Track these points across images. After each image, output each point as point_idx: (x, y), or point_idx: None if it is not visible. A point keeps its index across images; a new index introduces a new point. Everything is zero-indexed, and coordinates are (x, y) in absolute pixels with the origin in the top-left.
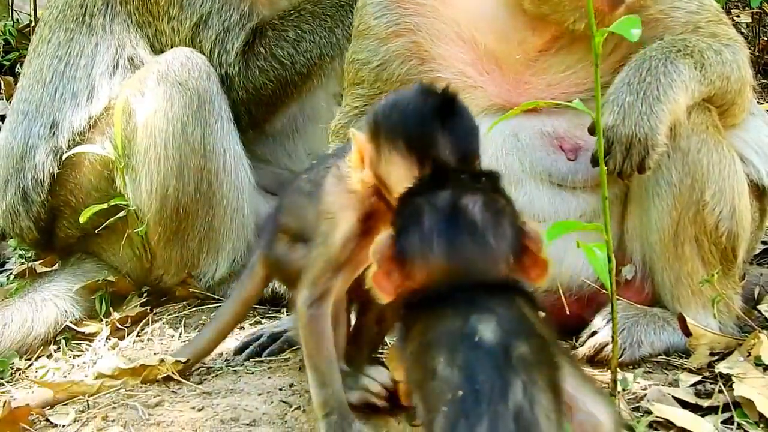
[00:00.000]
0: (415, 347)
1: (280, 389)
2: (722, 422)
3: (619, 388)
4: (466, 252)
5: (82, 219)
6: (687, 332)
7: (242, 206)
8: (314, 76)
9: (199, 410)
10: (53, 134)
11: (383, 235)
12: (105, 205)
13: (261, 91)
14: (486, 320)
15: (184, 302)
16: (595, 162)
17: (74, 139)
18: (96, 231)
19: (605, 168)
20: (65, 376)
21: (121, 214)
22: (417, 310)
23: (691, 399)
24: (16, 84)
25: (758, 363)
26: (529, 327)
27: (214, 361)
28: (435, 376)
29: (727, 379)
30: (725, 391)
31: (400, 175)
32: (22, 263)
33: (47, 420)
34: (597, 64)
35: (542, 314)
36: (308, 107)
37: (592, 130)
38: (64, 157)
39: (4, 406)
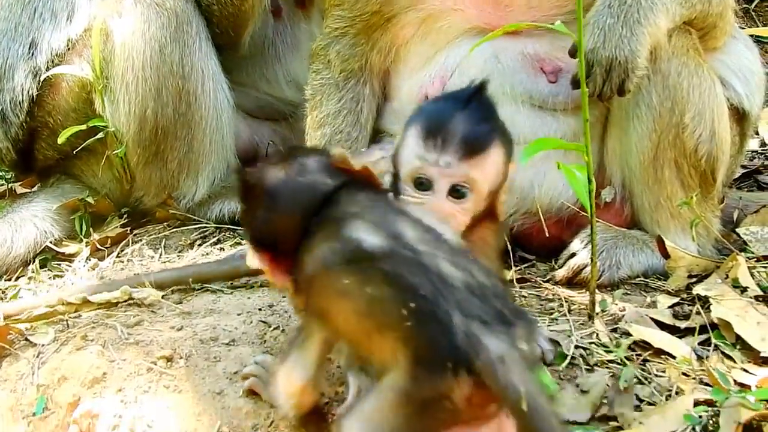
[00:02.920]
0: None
1: (260, 309)
2: (699, 344)
3: (598, 309)
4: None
5: (60, 140)
6: (665, 254)
7: (221, 127)
8: None
9: (179, 330)
10: (32, 55)
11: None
12: (83, 127)
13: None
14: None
15: (164, 223)
16: (575, 84)
17: (53, 60)
18: (75, 152)
19: (586, 90)
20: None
21: (100, 135)
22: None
23: (669, 321)
24: None
25: (736, 285)
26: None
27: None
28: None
29: (705, 301)
30: (703, 313)
31: None
32: (2, 184)
33: (26, 339)
34: None
35: None
36: (288, 35)
37: (573, 53)
38: (42, 78)
39: None
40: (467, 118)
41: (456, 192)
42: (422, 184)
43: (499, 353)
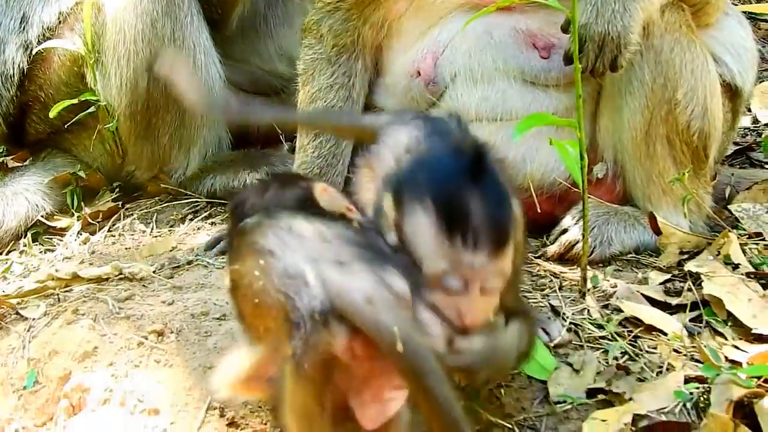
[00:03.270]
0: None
1: None
2: (691, 320)
3: (589, 285)
4: None
5: (51, 114)
6: (657, 231)
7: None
8: None
9: (170, 304)
10: (23, 29)
11: None
12: (75, 101)
13: None
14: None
15: (156, 198)
16: (567, 60)
17: (44, 34)
18: (66, 126)
19: (579, 66)
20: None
21: (91, 109)
22: None
23: (660, 297)
24: None
25: (727, 262)
26: None
27: (184, 256)
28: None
29: (696, 278)
30: (694, 290)
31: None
32: None
33: (17, 313)
34: None
35: None
36: (280, 9)
37: (565, 28)
38: (34, 52)
39: None
40: (486, 200)
41: (488, 288)
42: (450, 288)
43: (364, 293)
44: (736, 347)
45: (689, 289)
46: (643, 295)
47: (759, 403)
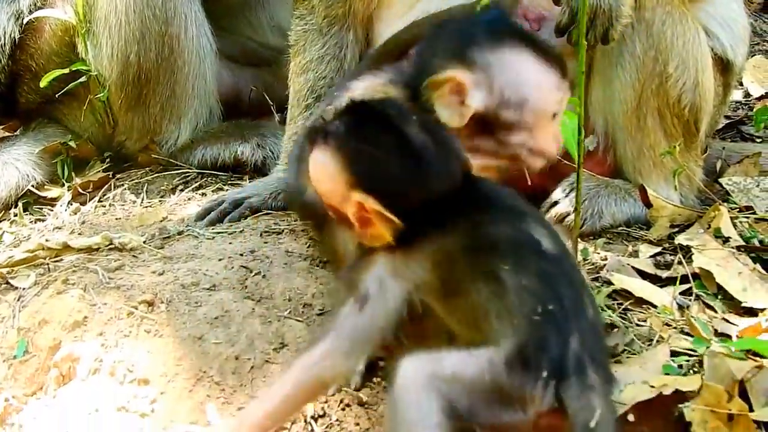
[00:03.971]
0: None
1: (241, 255)
2: (681, 293)
3: (580, 258)
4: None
5: (42, 84)
6: (648, 204)
7: (204, 72)
8: None
9: (160, 275)
10: None
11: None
12: (66, 71)
13: None
14: (538, 228)
15: (147, 168)
16: (559, 32)
17: (36, 4)
18: (57, 96)
19: (584, 43)
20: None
21: (82, 79)
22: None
23: (651, 270)
24: None
25: (718, 235)
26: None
27: (175, 226)
28: (502, 283)
29: (687, 251)
30: (684, 263)
31: None
32: None
33: (8, 283)
34: None
35: None
36: None
37: (557, 0)
38: (25, 22)
39: None
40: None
41: None
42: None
43: (592, 404)
44: (726, 320)
45: (679, 263)
46: (633, 267)
47: (749, 378)
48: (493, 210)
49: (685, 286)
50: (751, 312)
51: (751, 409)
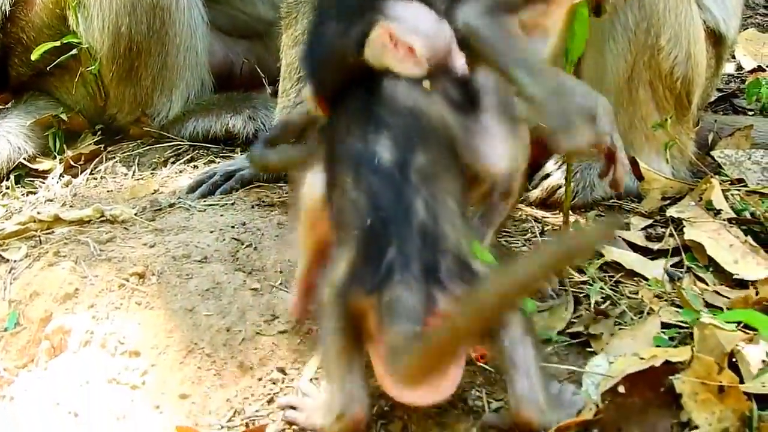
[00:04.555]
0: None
1: (232, 227)
2: (672, 266)
3: (571, 230)
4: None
5: (33, 56)
6: (639, 176)
7: (195, 44)
8: None
9: (151, 247)
10: None
11: None
12: (57, 43)
13: None
14: (381, 138)
15: (138, 141)
16: None
17: None
18: (48, 69)
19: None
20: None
21: (73, 52)
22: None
23: (642, 242)
24: None
25: (709, 208)
26: (424, 129)
27: (166, 199)
28: (346, 195)
29: (678, 224)
30: (675, 235)
31: None
32: None
33: None
34: None
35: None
36: None
37: None
38: None
39: None
40: None
41: None
42: None
43: (399, 303)
44: (717, 293)
45: (671, 235)
46: (624, 240)
47: (740, 351)
48: (356, 117)
49: (677, 259)
50: (743, 284)
51: (741, 381)
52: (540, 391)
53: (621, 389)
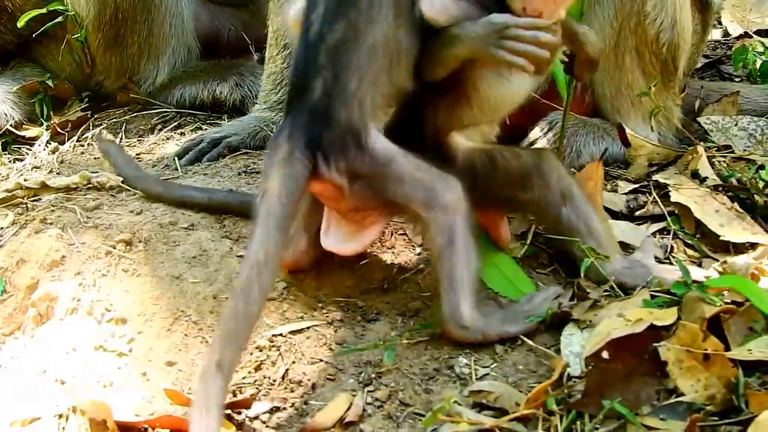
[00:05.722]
0: None
1: None
2: (659, 232)
3: None
4: None
5: (19, 24)
6: (626, 143)
7: (181, 11)
8: None
9: (138, 214)
10: None
11: None
12: (43, 11)
13: None
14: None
15: (125, 108)
16: None
17: None
18: (34, 37)
19: None
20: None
21: (59, 19)
22: None
23: (626, 210)
24: None
25: (695, 175)
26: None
27: (153, 166)
28: None
29: (663, 189)
30: (659, 201)
31: None
32: None
33: None
34: None
35: None
36: None
37: None
38: None
39: None
40: None
41: None
42: None
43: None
44: (704, 259)
45: (655, 201)
46: (610, 209)
47: (727, 318)
48: None
49: (662, 224)
50: (727, 249)
51: (727, 348)
52: (464, 305)
53: (605, 355)
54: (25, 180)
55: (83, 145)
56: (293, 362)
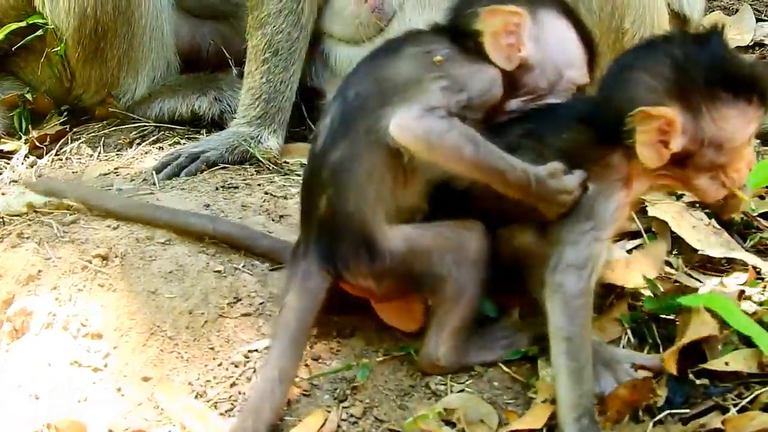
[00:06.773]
0: None
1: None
2: (634, 248)
3: None
4: None
5: None
6: None
7: (161, 25)
8: None
9: (114, 228)
10: None
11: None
12: (23, 24)
13: None
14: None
15: (104, 122)
16: None
17: None
18: (13, 50)
19: None
20: None
21: (39, 33)
22: None
23: None
24: None
25: (671, 192)
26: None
27: (131, 180)
28: None
29: (640, 205)
30: (635, 217)
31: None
32: None
33: None
34: None
35: None
36: None
37: None
38: None
39: None
40: None
41: None
42: None
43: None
44: (688, 274)
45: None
46: None
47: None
48: None
49: (638, 241)
50: (704, 265)
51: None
52: (442, 348)
53: None
54: (2, 194)
55: (61, 159)
56: None
